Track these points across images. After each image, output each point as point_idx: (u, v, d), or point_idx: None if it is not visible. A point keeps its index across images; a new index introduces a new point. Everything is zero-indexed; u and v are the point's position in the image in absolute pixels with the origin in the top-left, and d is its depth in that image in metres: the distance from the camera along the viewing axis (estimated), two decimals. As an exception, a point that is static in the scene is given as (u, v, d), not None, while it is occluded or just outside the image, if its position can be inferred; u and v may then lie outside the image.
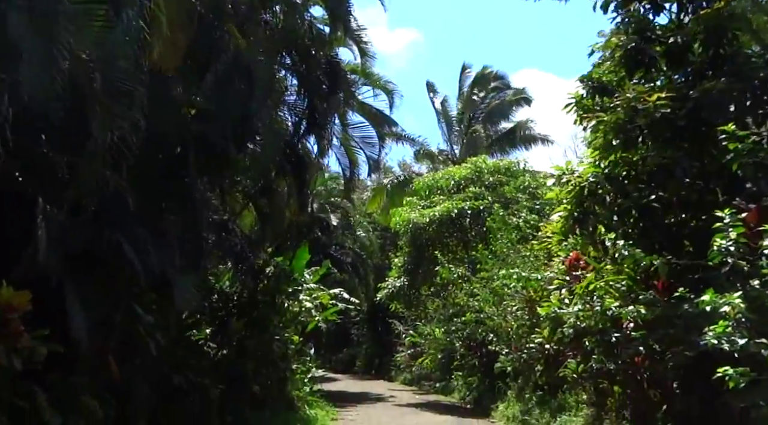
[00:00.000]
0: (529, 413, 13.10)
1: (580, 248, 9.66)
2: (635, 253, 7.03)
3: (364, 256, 25.31)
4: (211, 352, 11.87)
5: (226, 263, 13.70)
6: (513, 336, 14.32)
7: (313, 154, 13.95)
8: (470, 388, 20.52)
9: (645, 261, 7.02)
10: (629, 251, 7.08)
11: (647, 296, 7.19)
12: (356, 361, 34.37)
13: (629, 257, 7.17)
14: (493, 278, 14.33)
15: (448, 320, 22.58)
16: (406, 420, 15.35)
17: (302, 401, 14.44)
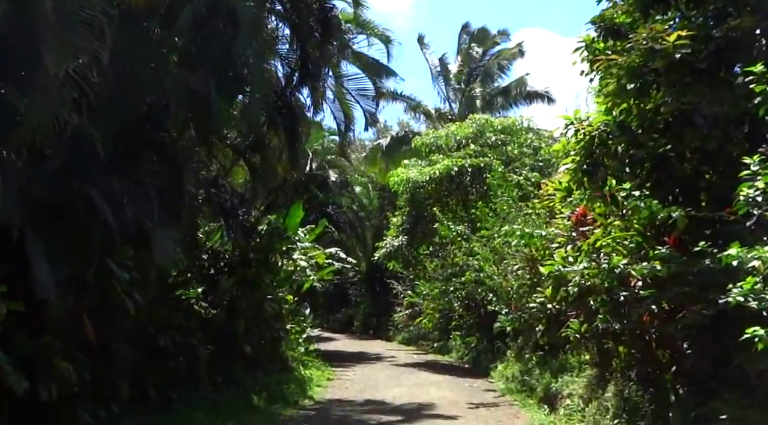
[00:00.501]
0: (529, 373, 12.70)
1: (587, 203, 9.07)
2: (651, 204, 6.43)
3: (362, 215, 24.73)
4: (202, 312, 11.38)
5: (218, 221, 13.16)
6: (513, 295, 13.83)
7: (306, 107, 13.25)
8: (468, 348, 20.23)
9: (662, 213, 6.43)
10: (645, 203, 6.48)
11: (661, 252, 6.62)
12: (354, 321, 34.14)
13: (644, 210, 6.56)
14: (494, 236, 13.79)
15: (447, 280, 22.14)
16: (403, 379, 15.00)
17: (297, 361, 14.06)
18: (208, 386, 10.25)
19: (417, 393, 12.65)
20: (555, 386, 10.69)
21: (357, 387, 13.60)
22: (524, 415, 10.39)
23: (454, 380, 15.06)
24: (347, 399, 12.11)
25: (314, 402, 11.67)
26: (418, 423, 9.55)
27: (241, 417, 9.54)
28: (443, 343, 23.60)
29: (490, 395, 12.73)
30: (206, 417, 9.22)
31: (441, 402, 11.62)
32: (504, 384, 13.99)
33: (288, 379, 12.33)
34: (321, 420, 9.86)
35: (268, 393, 11.01)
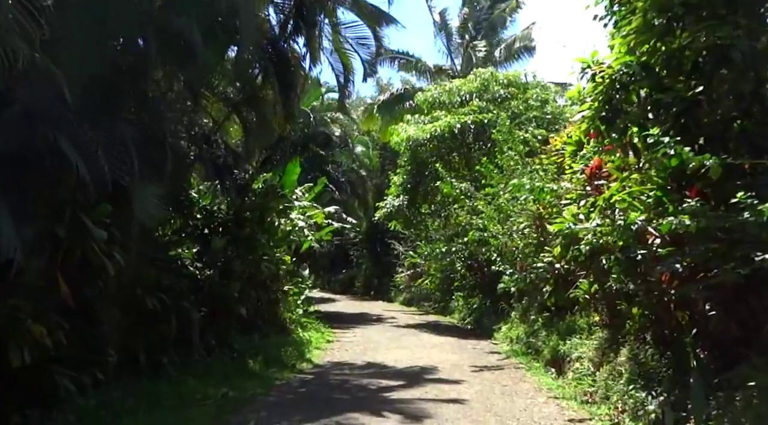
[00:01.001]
0: (534, 335, 12.22)
1: (603, 156, 8.43)
2: (682, 152, 5.77)
3: (363, 173, 24.05)
4: (197, 273, 10.83)
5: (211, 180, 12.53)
6: (519, 255, 13.28)
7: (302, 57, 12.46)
8: (471, 309, 19.81)
9: (693, 162, 5.78)
10: (675, 150, 5.82)
11: (690, 205, 5.98)
12: (355, 282, 33.84)
13: (673, 158, 5.91)
14: (499, 193, 13.15)
15: (449, 240, 21.62)
16: (404, 341, 14.57)
17: (296, 323, 13.59)
18: (202, 350, 9.77)
19: (419, 356, 12.20)
20: (563, 349, 10.19)
21: (357, 350, 13.16)
22: (530, 379, 9.92)
23: (456, 342, 14.63)
24: (347, 362, 11.66)
25: (313, 365, 11.21)
26: (420, 387, 9.05)
27: (236, 382, 9.06)
28: (445, 304, 23.23)
29: (494, 357, 12.27)
30: (199, 382, 8.75)
31: (444, 365, 11.16)
32: (508, 346, 13.54)
33: (286, 342, 11.87)
34: (319, 385, 9.39)
35: (265, 357, 10.55)
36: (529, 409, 7.76)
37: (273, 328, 12.31)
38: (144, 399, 7.56)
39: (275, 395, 8.63)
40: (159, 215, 7.00)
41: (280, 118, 11.79)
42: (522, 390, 9.04)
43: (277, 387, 9.20)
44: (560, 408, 7.83)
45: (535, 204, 12.32)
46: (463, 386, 9.22)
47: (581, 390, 8.63)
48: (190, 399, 7.92)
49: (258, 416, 7.27)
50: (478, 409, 7.68)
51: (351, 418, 7.14)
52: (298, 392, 8.87)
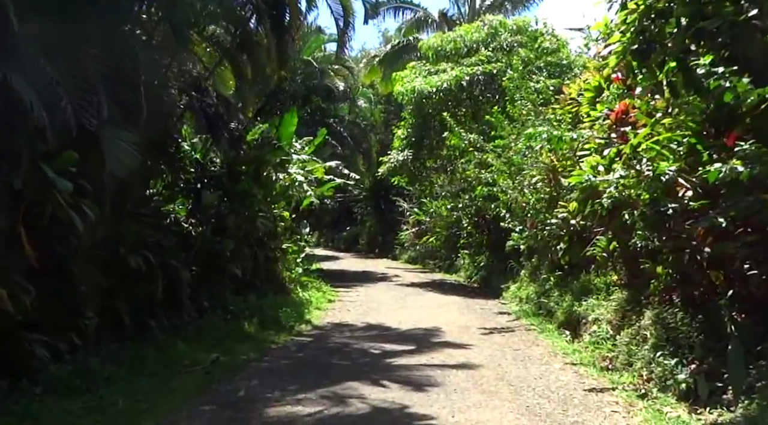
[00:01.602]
0: (546, 295, 11.54)
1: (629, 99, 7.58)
2: (739, 84, 4.92)
3: (365, 126, 23.08)
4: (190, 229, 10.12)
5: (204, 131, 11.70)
6: (530, 211, 12.51)
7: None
8: (477, 267, 19.17)
9: (752, 96, 4.94)
10: (731, 82, 4.96)
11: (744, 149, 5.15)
12: (359, 240, 33.23)
13: (727, 92, 5.05)
14: (510, 145, 12.29)
15: (455, 196, 20.86)
16: (409, 301, 13.94)
17: (295, 283, 12.94)
18: (193, 312, 9.12)
19: (424, 317, 11.55)
20: (578, 310, 9.50)
21: (359, 310, 12.53)
22: (544, 342, 9.26)
23: (463, 301, 13.99)
24: (348, 323, 11.03)
25: (312, 327, 10.58)
26: (426, 352, 8.41)
27: (228, 346, 8.42)
28: (450, 262, 22.61)
29: (504, 318, 11.62)
30: (188, 346, 8.10)
31: (450, 327, 10.51)
32: (518, 306, 12.90)
33: (284, 302, 11.23)
34: (317, 349, 8.75)
35: (261, 318, 9.91)
36: (544, 377, 7.09)
37: (271, 288, 11.66)
38: (126, 365, 6.92)
39: (270, 360, 7.99)
40: (133, 164, 6.19)
41: (274, 63, 10.87)
42: (535, 354, 8.38)
43: (273, 351, 8.56)
44: (578, 376, 7.16)
45: (549, 156, 11.51)
46: (472, 350, 8.57)
47: (600, 355, 7.97)
48: (177, 366, 7.28)
49: (248, 384, 6.63)
50: (490, 377, 7.02)
51: (350, 388, 6.48)
52: (295, 357, 8.23)
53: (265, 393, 6.32)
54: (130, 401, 5.89)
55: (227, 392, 6.38)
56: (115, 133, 6.02)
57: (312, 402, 5.94)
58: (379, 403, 5.93)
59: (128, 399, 5.95)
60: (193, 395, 6.25)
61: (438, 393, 6.25)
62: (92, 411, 5.53)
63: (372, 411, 5.69)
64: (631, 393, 6.31)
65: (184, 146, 11.44)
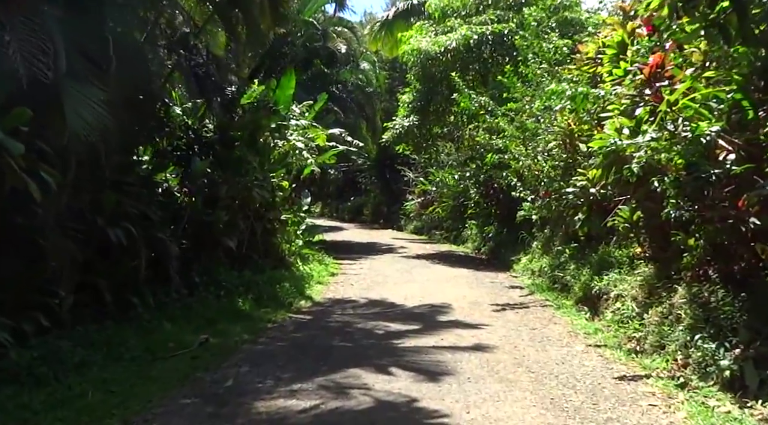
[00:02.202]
0: (561, 268, 10.78)
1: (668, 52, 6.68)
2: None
3: (369, 91, 22.07)
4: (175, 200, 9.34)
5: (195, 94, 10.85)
6: (543, 179, 11.66)
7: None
8: (485, 238, 18.41)
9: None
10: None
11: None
12: (364, 210, 32.46)
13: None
14: (524, 108, 11.37)
15: (463, 164, 19.99)
16: (415, 274, 13.21)
17: (295, 255, 12.19)
18: (182, 288, 8.38)
19: (431, 292, 10.82)
20: (598, 285, 8.73)
21: (363, 284, 11.80)
22: (561, 320, 8.51)
23: (472, 274, 13.25)
24: (351, 299, 10.30)
25: (312, 303, 9.86)
26: (434, 332, 7.67)
27: (220, 326, 7.72)
28: (457, 233, 21.86)
29: (516, 293, 10.87)
30: (175, 325, 7.40)
31: (460, 302, 9.77)
32: (530, 279, 12.15)
33: (283, 277, 10.48)
34: (317, 329, 8.02)
35: (257, 295, 9.17)
36: (567, 361, 6.34)
37: (269, 262, 10.90)
38: (103, 349, 6.21)
39: (264, 342, 7.26)
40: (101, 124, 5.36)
41: (268, 19, 9.95)
42: (554, 334, 7.63)
43: (269, 330, 7.84)
44: (604, 360, 6.41)
45: (566, 120, 10.62)
46: (484, 330, 7.83)
47: (625, 335, 7.22)
48: (161, 349, 6.56)
49: (237, 372, 5.91)
50: (506, 362, 6.28)
51: (352, 376, 5.75)
52: (292, 338, 7.50)
53: (255, 382, 5.59)
54: (101, 392, 5.18)
55: (213, 381, 5.65)
56: (78, 88, 5.18)
57: (308, 394, 5.21)
58: (384, 395, 5.19)
59: (100, 389, 5.24)
60: (174, 385, 5.52)
61: (450, 383, 5.51)
62: (55, 405, 4.81)
63: (376, 406, 4.95)
64: (668, 382, 5.56)
65: (175, 110, 10.64)
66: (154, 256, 8.11)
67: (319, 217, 34.92)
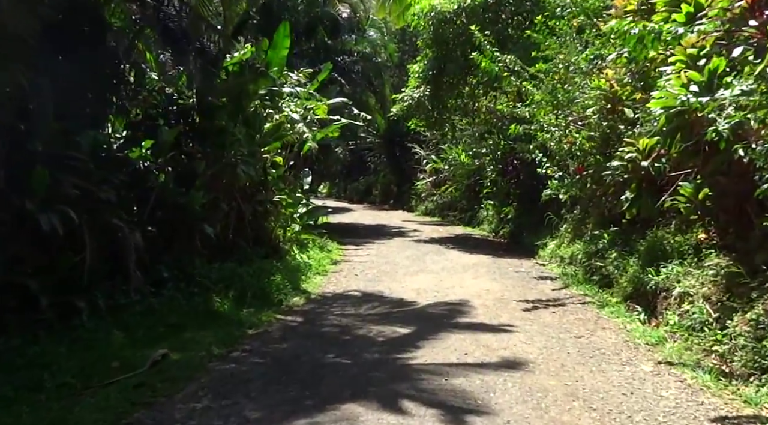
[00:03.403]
0: (600, 256, 9.05)
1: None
2: None
3: (378, 61, 20.20)
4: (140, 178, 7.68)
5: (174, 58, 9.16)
6: (575, 152, 9.92)
7: None
8: (504, 220, 16.66)
9: None
10: None
11: None
12: (373, 190, 30.73)
13: None
14: (557, 68, 9.51)
15: (479, 139, 18.19)
16: (429, 261, 11.53)
17: (291, 242, 10.53)
18: (145, 285, 6.74)
19: (448, 284, 9.15)
20: (654, 279, 7.00)
21: (369, 275, 10.14)
22: (610, 323, 6.82)
23: (493, 262, 11.55)
24: (353, 293, 8.65)
25: (307, 299, 8.22)
26: (456, 344, 5.99)
27: (187, 334, 6.10)
28: (472, 214, 20.11)
29: (547, 286, 9.17)
30: (126, 336, 5.78)
31: (483, 298, 8.11)
32: (560, 268, 10.45)
33: (274, 268, 8.83)
34: (307, 336, 6.37)
35: (239, 291, 7.52)
36: (636, 390, 4.66)
37: (259, 250, 9.26)
38: (17, 374, 4.60)
39: (238, 357, 5.62)
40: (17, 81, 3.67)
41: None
42: (607, 344, 5.94)
43: (247, 340, 6.20)
44: (686, 388, 4.71)
45: (609, 80, 8.82)
46: (517, 338, 6.15)
47: (701, 348, 5.51)
48: (99, 372, 4.95)
49: (192, 410, 4.27)
50: (555, 391, 4.60)
51: (348, 418, 4.10)
52: (275, 351, 5.85)
53: (209, 430, 3.96)
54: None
55: (154, 426, 4.03)
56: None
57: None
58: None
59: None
60: (96, 435, 3.90)
61: (485, 429, 3.85)
62: None
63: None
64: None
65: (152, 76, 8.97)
66: (109, 247, 6.48)
67: (326, 198, 33.29)
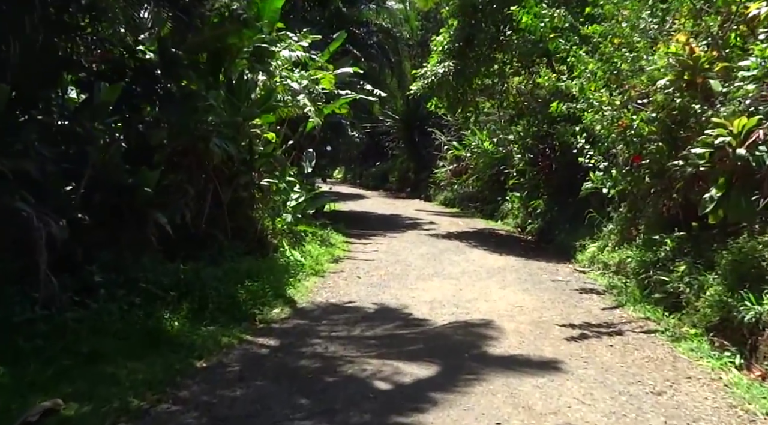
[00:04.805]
0: (663, 268, 7.06)
1: None
2: None
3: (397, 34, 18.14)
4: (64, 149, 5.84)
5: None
6: (632, 138, 7.92)
7: None
8: (532, 215, 14.65)
9: None
10: None
11: None
12: (389, 177, 28.72)
13: None
14: (620, 28, 7.40)
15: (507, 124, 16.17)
16: (446, 262, 9.63)
17: (282, 235, 8.67)
18: (68, 294, 4.93)
19: (469, 295, 7.25)
20: (752, 310, 5.03)
21: (374, 278, 8.27)
22: (696, 369, 4.87)
23: (522, 265, 9.60)
24: (352, 303, 6.80)
25: (291, 311, 6.38)
26: (482, 398, 4.11)
27: (106, 367, 4.28)
28: (495, 206, 18.09)
29: (595, 303, 7.22)
30: (11, 374, 3.97)
31: (514, 318, 6.20)
32: (605, 277, 8.52)
33: (256, 268, 6.98)
34: (275, 374, 4.51)
35: (200, 301, 5.70)
36: None
37: (240, 245, 7.42)
38: None
39: (163, 414, 3.78)
40: None
41: None
42: (705, 411, 4.00)
43: (187, 381, 4.34)
44: None
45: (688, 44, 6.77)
46: (570, 391, 4.24)
47: None
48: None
49: None
50: None
51: None
52: (220, 403, 3.99)
53: None
54: None
55: None
56: None
57: None
58: None
59: None
60: None
61: None
62: None
63: None
64: None
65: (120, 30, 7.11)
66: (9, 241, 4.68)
67: (341, 183, 31.41)
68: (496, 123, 18.11)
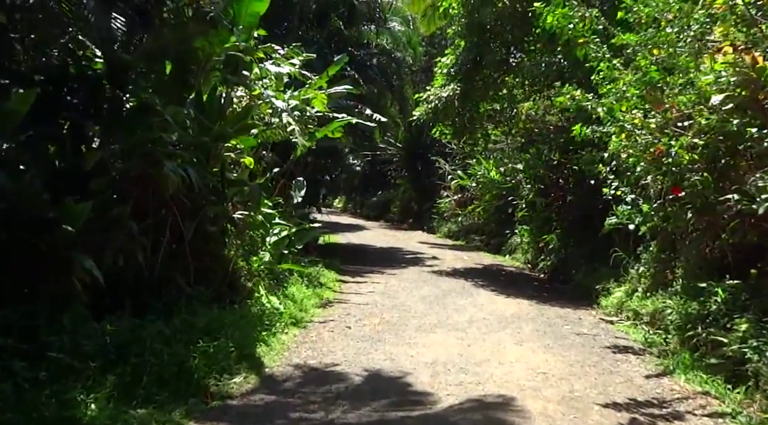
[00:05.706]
0: (716, 323, 5.67)
1: None
2: None
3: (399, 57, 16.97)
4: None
5: None
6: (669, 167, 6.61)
7: None
8: (545, 251, 13.24)
9: None
10: None
11: None
12: (391, 207, 27.36)
13: None
14: (657, 39, 6.11)
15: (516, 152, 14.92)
16: (450, 309, 8.23)
17: (259, 277, 7.28)
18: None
19: (480, 355, 5.86)
20: None
21: (366, 329, 6.88)
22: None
23: (539, 312, 8.19)
24: (336, 368, 5.40)
25: (257, 382, 4.97)
26: None
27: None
28: (502, 240, 16.69)
29: (634, 368, 5.80)
30: None
31: (539, 394, 4.79)
32: (638, 331, 7.11)
33: (217, 323, 5.59)
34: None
35: (132, 372, 4.31)
36: None
37: (205, 291, 6.04)
38: None
39: None
40: None
41: None
42: None
43: None
44: None
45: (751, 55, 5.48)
46: None
47: None
48: None
49: None
50: None
51: None
52: None
53: None
54: None
55: None
56: None
57: None
58: None
59: None
60: None
61: None
62: None
63: None
64: None
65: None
66: None
67: (340, 213, 30.11)
68: (504, 151, 16.89)
